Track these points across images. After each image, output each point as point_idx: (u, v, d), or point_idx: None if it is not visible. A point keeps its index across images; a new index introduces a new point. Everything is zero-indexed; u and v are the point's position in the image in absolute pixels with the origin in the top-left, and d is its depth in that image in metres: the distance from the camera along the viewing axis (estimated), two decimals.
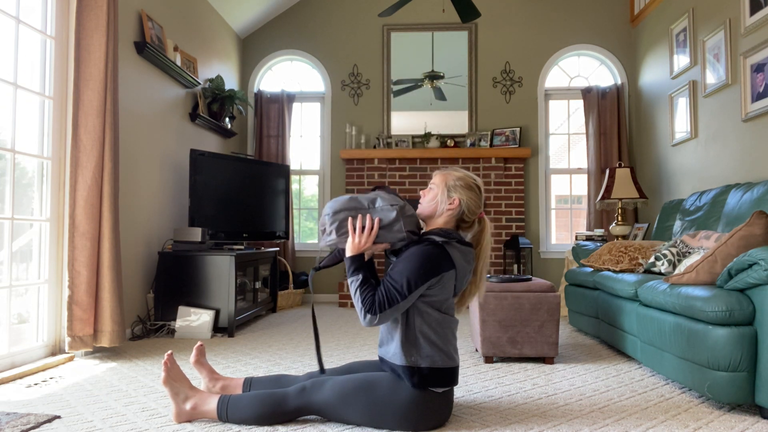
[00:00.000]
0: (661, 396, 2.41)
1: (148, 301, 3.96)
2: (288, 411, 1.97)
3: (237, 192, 4.67)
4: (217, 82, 5.01)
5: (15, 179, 2.84)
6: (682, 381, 2.39)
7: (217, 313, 3.85)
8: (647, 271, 3.29)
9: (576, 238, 5.10)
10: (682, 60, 4.58)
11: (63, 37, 3.13)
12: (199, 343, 2.23)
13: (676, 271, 2.83)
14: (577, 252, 4.26)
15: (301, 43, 6.05)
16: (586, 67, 5.97)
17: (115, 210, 3.13)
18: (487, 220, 2.11)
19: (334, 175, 5.98)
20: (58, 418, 2.09)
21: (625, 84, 5.73)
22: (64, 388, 2.51)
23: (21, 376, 2.68)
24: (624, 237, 4.75)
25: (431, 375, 1.91)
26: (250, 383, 2.15)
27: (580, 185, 5.94)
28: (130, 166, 3.77)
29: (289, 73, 6.19)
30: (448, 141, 5.76)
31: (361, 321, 1.92)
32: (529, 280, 3.09)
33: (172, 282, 3.87)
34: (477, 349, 3.23)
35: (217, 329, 3.91)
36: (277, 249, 5.22)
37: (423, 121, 5.85)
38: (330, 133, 6.00)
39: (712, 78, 4.09)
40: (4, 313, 2.78)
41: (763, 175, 3.49)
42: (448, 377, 1.95)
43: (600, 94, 5.67)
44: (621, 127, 5.62)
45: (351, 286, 1.97)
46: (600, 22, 5.82)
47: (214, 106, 5.04)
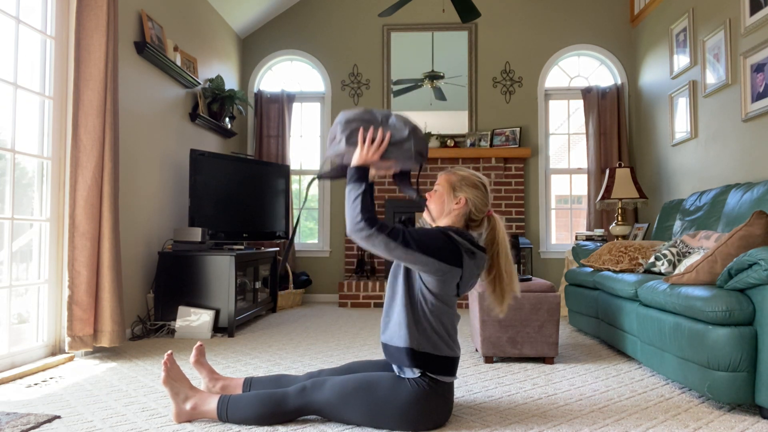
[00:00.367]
0: (661, 396, 2.41)
1: (148, 301, 3.96)
2: (288, 411, 1.97)
3: (237, 192, 4.67)
4: (217, 82, 5.01)
5: (15, 179, 2.84)
6: (682, 381, 2.39)
7: (217, 313, 3.85)
8: (647, 271, 3.29)
9: (576, 238, 5.10)
10: (682, 60, 4.58)
11: (63, 37, 3.13)
12: (199, 343, 2.23)
13: (676, 271, 2.83)
14: (577, 252, 4.26)
15: (301, 43, 6.05)
16: (586, 67, 5.97)
17: (115, 210, 3.13)
18: (496, 217, 2.10)
19: None
20: (58, 418, 2.09)
21: (625, 84, 5.73)
22: (64, 388, 2.51)
23: (21, 376, 2.68)
24: (624, 237, 4.75)
25: (432, 361, 1.92)
26: (250, 383, 2.15)
27: (580, 185, 5.94)
28: (130, 166, 3.77)
29: (289, 73, 6.19)
30: (448, 141, 5.76)
31: (349, 227, 1.86)
32: (529, 280, 3.09)
33: (172, 282, 3.87)
34: (477, 349, 3.23)
35: (217, 329, 3.91)
36: (277, 249, 5.22)
37: (423, 121, 5.85)
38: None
39: (712, 78, 4.09)
40: (4, 313, 2.78)
41: (763, 175, 3.49)
42: (448, 366, 1.96)
43: (600, 94, 5.67)
44: (621, 127, 5.62)
45: (350, 194, 1.90)
46: (600, 22, 5.82)
47: (214, 106, 5.04)
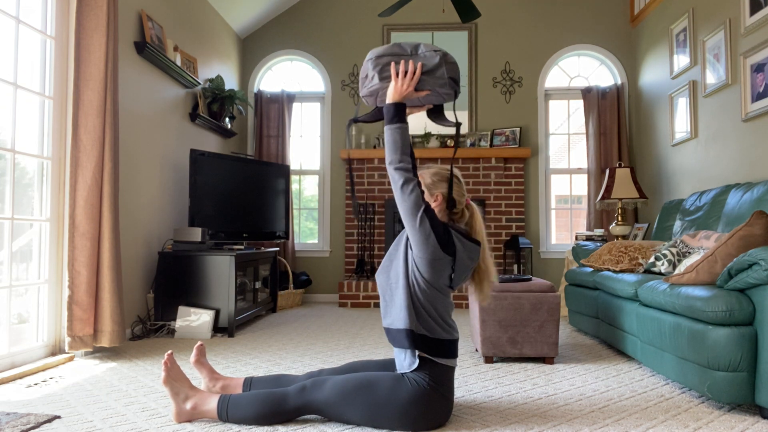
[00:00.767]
0: (661, 396, 2.41)
1: (148, 301, 3.96)
2: (288, 410, 1.97)
3: (237, 192, 4.67)
4: (217, 82, 5.01)
5: (15, 179, 2.84)
6: (682, 381, 2.39)
7: (217, 313, 3.85)
8: (647, 271, 3.29)
9: (576, 238, 5.10)
10: (682, 60, 4.58)
11: (63, 37, 3.13)
12: (199, 342, 2.23)
13: (676, 271, 2.83)
14: (577, 252, 4.26)
15: (300, 43, 6.05)
16: (586, 67, 5.97)
17: (115, 210, 3.13)
18: (474, 206, 2.15)
19: (334, 175, 5.99)
20: (58, 418, 2.09)
21: (625, 84, 5.73)
22: (64, 388, 2.51)
23: (21, 376, 2.68)
24: (624, 237, 4.75)
25: (432, 343, 1.94)
26: (250, 383, 2.15)
27: (580, 185, 5.94)
28: (130, 166, 3.77)
29: (289, 73, 6.19)
30: (448, 141, 5.76)
31: (389, 157, 1.95)
32: (529, 280, 3.09)
33: (172, 282, 3.87)
34: (477, 349, 3.23)
35: (217, 329, 3.91)
36: (277, 249, 5.22)
37: (423, 121, 5.85)
38: (330, 133, 6.00)
39: (712, 78, 4.09)
40: (4, 313, 2.78)
41: (763, 175, 3.49)
42: (446, 348, 1.97)
43: (600, 94, 5.67)
44: (621, 127, 5.62)
45: (391, 133, 1.95)
46: (600, 22, 5.82)
47: (214, 106, 5.04)
